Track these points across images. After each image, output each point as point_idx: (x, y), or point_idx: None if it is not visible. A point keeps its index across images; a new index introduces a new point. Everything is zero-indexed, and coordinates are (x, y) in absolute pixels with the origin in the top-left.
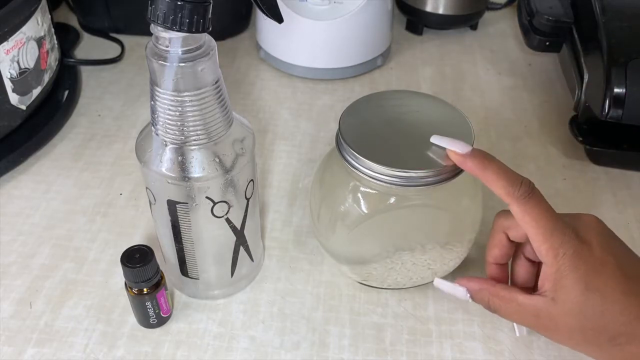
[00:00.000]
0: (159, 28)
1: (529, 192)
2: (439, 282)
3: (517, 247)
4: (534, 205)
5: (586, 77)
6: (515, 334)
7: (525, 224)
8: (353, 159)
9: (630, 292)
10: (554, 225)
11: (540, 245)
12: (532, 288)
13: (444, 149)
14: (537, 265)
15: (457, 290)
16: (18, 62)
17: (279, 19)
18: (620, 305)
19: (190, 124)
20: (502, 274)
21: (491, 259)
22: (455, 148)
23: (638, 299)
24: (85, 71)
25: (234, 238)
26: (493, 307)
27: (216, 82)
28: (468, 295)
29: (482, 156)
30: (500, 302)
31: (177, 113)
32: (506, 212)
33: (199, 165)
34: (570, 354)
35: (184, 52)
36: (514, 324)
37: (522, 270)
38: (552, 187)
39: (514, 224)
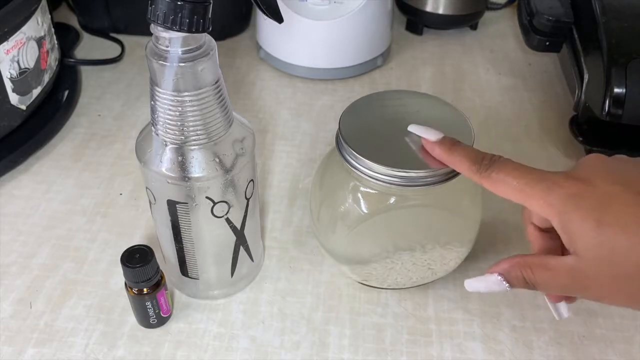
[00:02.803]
0: (159, 28)
1: (491, 161)
2: (470, 284)
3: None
4: (499, 170)
5: (586, 77)
6: (556, 317)
7: (503, 193)
8: (353, 159)
9: None
10: (532, 177)
11: (531, 202)
12: None
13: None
14: (552, 236)
15: (491, 281)
16: (18, 62)
17: (279, 19)
18: None
19: (190, 124)
20: None
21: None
22: (426, 136)
23: None
24: (85, 71)
25: (234, 238)
26: (530, 280)
27: (216, 82)
28: (504, 282)
29: (449, 142)
30: (533, 273)
31: (177, 113)
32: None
33: (199, 165)
34: (570, 354)
35: (184, 52)
36: (553, 306)
37: (542, 244)
38: None
39: (530, 211)
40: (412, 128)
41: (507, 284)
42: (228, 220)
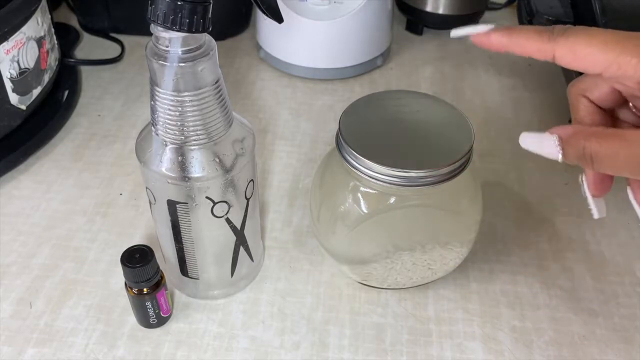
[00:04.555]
0: (159, 28)
1: (566, 27)
2: (525, 138)
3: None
4: (578, 33)
5: None
6: (593, 215)
7: (583, 59)
8: (353, 159)
9: None
10: (613, 36)
11: (612, 62)
12: None
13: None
14: (606, 116)
15: (546, 141)
16: (18, 62)
17: (279, 19)
18: None
19: (190, 124)
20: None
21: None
22: (477, 31)
23: None
24: (85, 71)
25: (234, 238)
26: (591, 152)
27: (216, 82)
28: (559, 146)
29: (505, 27)
30: (600, 143)
31: (177, 113)
32: (575, 80)
33: (199, 165)
34: (571, 354)
35: (184, 52)
36: (595, 202)
37: (598, 121)
38: (552, 187)
39: (592, 82)
40: (457, 32)
41: (560, 151)
42: (228, 220)
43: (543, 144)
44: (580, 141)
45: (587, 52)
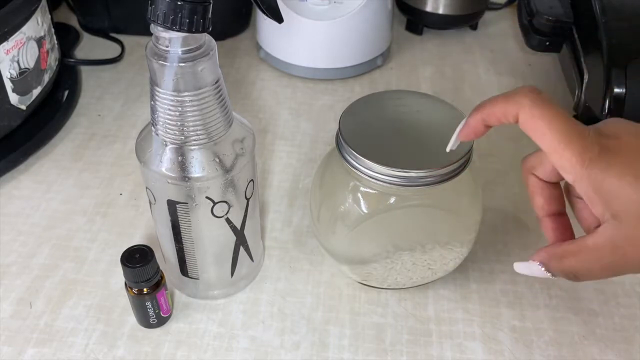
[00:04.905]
0: (159, 28)
1: (534, 91)
2: (519, 267)
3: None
4: (542, 106)
5: (586, 77)
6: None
7: (536, 131)
8: (353, 159)
9: None
10: (572, 127)
11: (562, 152)
12: (560, 213)
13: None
14: (556, 187)
15: (534, 268)
16: (18, 62)
17: (279, 19)
18: None
19: (190, 124)
20: (564, 229)
21: (541, 212)
22: (459, 129)
23: None
24: (85, 71)
25: (234, 238)
26: (571, 270)
27: (216, 82)
28: (545, 271)
29: (475, 107)
30: (572, 260)
31: (177, 113)
32: (528, 155)
33: (199, 165)
34: (570, 354)
35: (184, 52)
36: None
37: (541, 197)
38: None
39: (537, 159)
40: (451, 146)
41: (549, 274)
42: (228, 220)
43: (533, 271)
44: (557, 265)
45: (542, 133)
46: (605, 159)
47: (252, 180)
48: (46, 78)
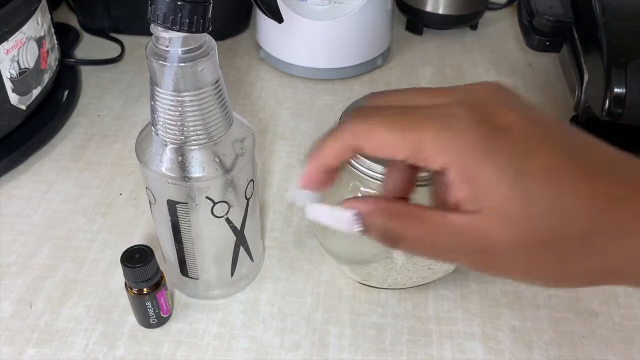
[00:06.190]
0: (159, 28)
1: (359, 111)
2: (311, 210)
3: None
4: (374, 119)
5: (586, 77)
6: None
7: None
8: (353, 159)
9: (587, 172)
10: (412, 114)
11: (419, 147)
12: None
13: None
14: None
15: (342, 217)
16: (18, 62)
17: (279, 19)
18: (580, 190)
19: (190, 124)
20: (407, 184)
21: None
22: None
23: (598, 179)
24: (85, 71)
25: (234, 238)
26: (394, 233)
27: (216, 82)
28: (357, 223)
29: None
30: (405, 224)
31: (177, 113)
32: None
33: (199, 165)
34: (570, 354)
35: (184, 52)
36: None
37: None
38: None
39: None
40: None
41: (360, 229)
42: (228, 220)
43: (339, 222)
44: (383, 221)
45: (386, 138)
46: (485, 147)
47: (252, 180)
48: (46, 78)
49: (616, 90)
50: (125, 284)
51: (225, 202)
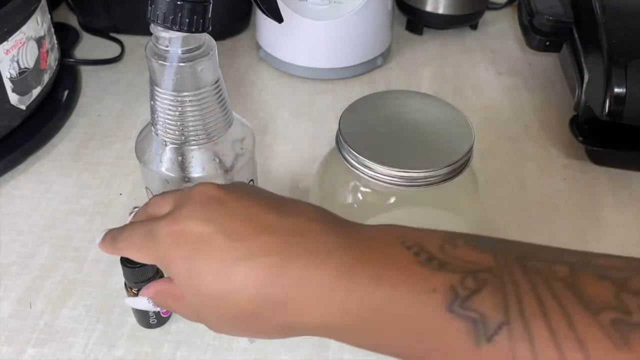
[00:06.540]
0: (159, 28)
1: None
2: (128, 302)
3: None
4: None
5: (586, 77)
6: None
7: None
8: (353, 159)
9: (238, 257)
10: (139, 233)
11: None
12: None
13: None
14: None
15: (141, 302)
16: (18, 62)
17: (279, 18)
18: (237, 273)
19: (190, 124)
20: None
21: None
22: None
23: (253, 261)
24: (85, 71)
25: None
26: (166, 307)
27: (216, 82)
28: (152, 304)
29: (113, 232)
30: (168, 300)
31: (177, 113)
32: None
33: (199, 165)
34: None
35: (184, 52)
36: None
37: None
38: (552, 187)
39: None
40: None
41: (156, 308)
42: None
43: (141, 306)
44: (161, 300)
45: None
46: (171, 249)
47: (252, 180)
48: (46, 78)
49: (616, 90)
50: (125, 284)
51: None
